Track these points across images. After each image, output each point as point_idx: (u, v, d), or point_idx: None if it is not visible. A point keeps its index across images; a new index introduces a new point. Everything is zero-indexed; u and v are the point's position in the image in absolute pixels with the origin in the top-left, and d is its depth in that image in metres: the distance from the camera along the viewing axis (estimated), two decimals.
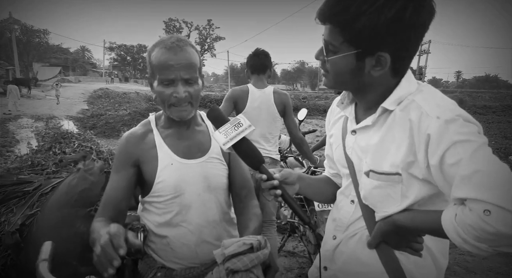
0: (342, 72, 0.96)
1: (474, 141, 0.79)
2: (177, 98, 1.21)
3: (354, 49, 0.90)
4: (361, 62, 0.92)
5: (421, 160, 0.87)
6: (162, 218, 1.28)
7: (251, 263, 0.93)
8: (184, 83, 1.22)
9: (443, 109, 0.85)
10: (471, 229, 0.75)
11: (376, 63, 0.91)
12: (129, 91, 28.11)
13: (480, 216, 0.73)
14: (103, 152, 1.91)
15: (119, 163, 1.30)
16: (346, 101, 1.13)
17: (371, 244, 1.02)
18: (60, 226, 1.47)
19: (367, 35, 0.87)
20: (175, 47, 1.21)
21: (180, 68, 1.20)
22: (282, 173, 1.10)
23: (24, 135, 10.71)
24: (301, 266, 3.37)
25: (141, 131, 1.33)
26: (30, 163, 1.81)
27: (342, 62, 0.94)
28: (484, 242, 0.75)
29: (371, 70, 0.93)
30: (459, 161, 0.78)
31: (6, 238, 1.44)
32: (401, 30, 0.86)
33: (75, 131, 2.30)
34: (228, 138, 1.03)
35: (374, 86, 0.98)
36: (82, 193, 1.53)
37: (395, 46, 0.89)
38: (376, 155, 0.97)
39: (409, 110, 0.91)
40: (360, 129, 1.05)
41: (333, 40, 0.92)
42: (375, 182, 0.97)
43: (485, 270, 3.35)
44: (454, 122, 0.82)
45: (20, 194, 1.59)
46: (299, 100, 24.38)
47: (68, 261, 1.44)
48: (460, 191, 0.77)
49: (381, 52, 0.89)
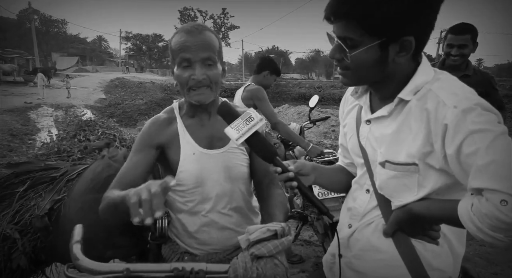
0: (366, 66, 0.93)
1: (492, 131, 0.78)
2: (195, 80, 1.20)
3: (377, 39, 0.88)
4: (385, 51, 0.90)
5: (438, 149, 0.86)
6: (184, 206, 1.30)
7: (275, 249, 0.94)
8: (202, 65, 1.20)
9: (460, 98, 0.84)
10: (486, 218, 0.75)
11: (401, 48, 0.90)
12: (144, 81, 28.37)
13: (496, 206, 0.73)
14: (126, 139, 1.95)
15: (141, 143, 1.30)
16: (361, 91, 1.11)
17: (387, 232, 1.02)
18: (86, 210, 1.51)
19: (391, 22, 0.85)
20: (193, 30, 1.21)
21: (198, 48, 1.19)
22: (297, 164, 1.10)
23: (45, 123, 11.00)
24: (318, 254, 3.39)
25: (165, 117, 1.35)
26: (56, 149, 1.85)
27: (366, 55, 0.91)
28: (499, 231, 0.75)
29: (395, 57, 0.91)
30: (476, 151, 0.78)
31: (36, 221, 1.50)
32: (423, 9, 0.85)
33: (96, 119, 2.35)
34: (241, 133, 1.03)
35: (396, 75, 0.96)
36: (107, 179, 1.56)
37: (419, 28, 0.88)
38: (392, 145, 0.96)
39: (426, 99, 0.89)
40: (375, 119, 1.04)
41: (352, 35, 0.89)
42: (391, 172, 0.97)
43: (507, 261, 3.31)
44: (472, 112, 0.81)
45: (48, 180, 1.64)
46: (314, 90, 24.16)
47: (93, 244, 1.48)
48: (477, 181, 0.77)
49: (405, 37, 0.87)
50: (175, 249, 1.35)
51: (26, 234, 1.54)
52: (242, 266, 0.89)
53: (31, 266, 1.57)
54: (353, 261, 1.13)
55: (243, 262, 0.90)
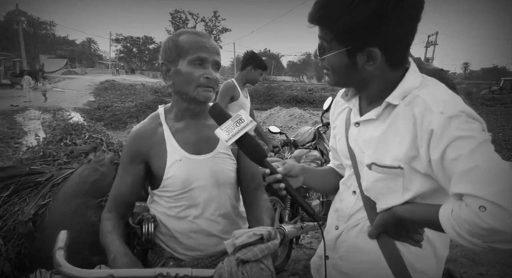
0: (338, 70, 0.99)
1: (476, 137, 0.80)
2: (208, 79, 1.24)
3: (344, 47, 0.93)
4: (353, 59, 0.94)
5: (423, 154, 0.88)
6: (170, 211, 1.30)
7: (261, 253, 0.94)
8: (212, 67, 1.26)
9: (447, 104, 0.86)
10: (465, 223, 0.76)
11: (368, 58, 0.93)
12: (135, 83, 28.17)
13: (475, 211, 0.74)
14: (113, 143, 1.93)
15: (127, 158, 1.31)
16: (350, 93, 1.13)
17: (372, 234, 1.03)
18: (71, 216, 1.50)
19: (352, 32, 0.90)
20: (206, 35, 1.29)
21: (213, 51, 1.25)
22: (285, 166, 1.11)
23: (32, 127, 10.82)
24: (309, 257, 3.40)
25: (150, 126, 1.34)
26: (41, 153, 1.83)
27: (335, 60, 0.97)
28: (478, 237, 0.76)
29: (364, 66, 0.94)
30: (459, 157, 0.79)
31: (20, 227, 1.47)
32: (385, 24, 0.88)
33: (83, 123, 2.32)
34: (231, 134, 1.05)
35: (374, 81, 0.99)
36: (93, 184, 1.55)
37: (383, 40, 0.90)
38: (379, 148, 0.98)
39: (414, 105, 0.91)
40: (364, 122, 1.06)
41: (324, 40, 0.96)
42: (377, 174, 0.98)
43: (492, 262, 3.36)
44: (457, 118, 0.82)
45: (32, 184, 1.61)
46: (305, 92, 24.26)
47: (79, 250, 1.46)
48: (458, 186, 0.79)
49: (370, 48, 0.91)
50: (161, 254, 1.34)
51: (10, 240, 1.52)
52: (228, 271, 0.89)
53: (15, 272, 1.54)
54: (339, 263, 1.14)
55: (228, 267, 0.90)
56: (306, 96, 22.41)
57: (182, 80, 1.25)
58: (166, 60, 1.28)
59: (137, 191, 1.33)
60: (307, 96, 22.45)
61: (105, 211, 1.31)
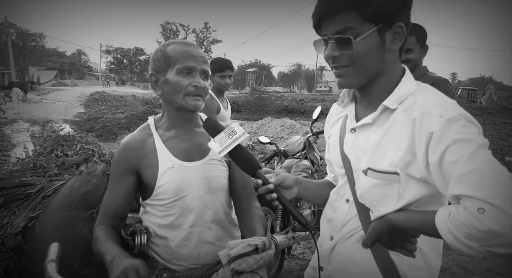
0: (369, 54, 0.96)
1: (475, 141, 0.81)
2: (196, 87, 1.25)
3: (375, 26, 0.94)
4: (383, 38, 0.96)
5: (420, 158, 0.88)
6: (164, 220, 1.29)
7: (256, 264, 0.94)
8: (200, 76, 1.28)
9: (445, 108, 0.88)
10: (463, 226, 0.76)
11: (394, 36, 0.97)
12: (126, 94, 28.00)
13: (473, 213, 0.74)
14: (105, 154, 1.91)
15: (118, 171, 1.31)
16: (347, 100, 1.15)
17: (366, 243, 1.03)
18: (62, 228, 1.47)
19: (385, 9, 0.92)
20: (194, 44, 1.31)
21: (201, 60, 1.27)
22: (278, 177, 1.11)
23: (20, 139, 10.65)
24: (301, 268, 3.37)
25: (140, 137, 1.34)
26: (32, 165, 1.81)
27: (368, 42, 0.95)
28: (475, 240, 0.75)
29: (390, 46, 0.97)
30: (459, 159, 0.80)
31: (8, 240, 1.44)
32: None
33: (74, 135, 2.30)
34: (223, 146, 1.06)
35: (389, 68, 1.01)
36: (85, 195, 1.53)
37: (406, 16, 0.97)
38: (376, 153, 0.99)
39: (412, 111, 0.92)
40: (360, 128, 1.06)
41: (352, 24, 0.94)
42: (372, 180, 0.99)
43: (484, 270, 3.37)
44: (457, 122, 0.84)
45: (22, 196, 1.59)
46: (296, 103, 24.42)
47: (70, 263, 1.44)
48: (457, 188, 0.79)
49: (398, 23, 0.95)
50: (154, 266, 1.32)
51: None
52: None
53: None
54: (333, 274, 1.13)
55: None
56: (297, 106, 22.55)
57: (170, 90, 1.27)
58: (155, 70, 1.31)
59: (129, 204, 1.32)
60: (298, 106, 22.60)
61: (97, 223, 1.29)
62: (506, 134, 12.61)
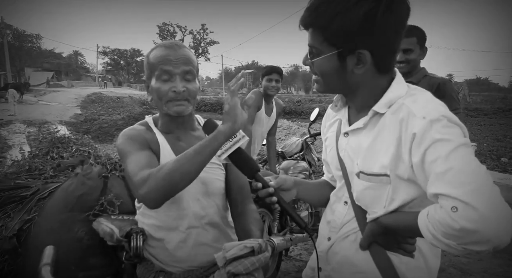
0: (328, 74, 1.00)
1: (454, 141, 0.82)
2: (175, 92, 1.22)
3: (335, 49, 0.95)
4: (343, 62, 0.96)
5: (406, 159, 0.90)
6: (160, 222, 1.28)
7: (252, 266, 0.94)
8: (182, 79, 1.23)
9: (429, 109, 0.89)
10: (439, 225, 0.77)
11: (358, 61, 0.95)
12: (122, 95, 27.94)
13: (448, 212, 0.75)
14: (101, 156, 1.90)
15: (136, 145, 1.22)
16: (340, 104, 1.15)
17: (363, 245, 1.04)
18: (58, 230, 1.47)
19: (343, 34, 0.92)
20: (174, 46, 1.25)
21: (179, 62, 1.23)
22: (277, 180, 1.12)
23: (16, 141, 10.58)
24: (298, 269, 3.37)
25: (141, 129, 1.32)
26: (27, 167, 1.79)
27: (326, 63, 0.98)
28: (451, 239, 0.77)
29: (354, 69, 0.97)
30: (437, 158, 0.81)
31: (3, 243, 1.43)
32: (375, 28, 0.91)
33: (70, 136, 2.29)
34: (223, 149, 1.07)
35: (362, 85, 1.01)
36: (81, 198, 1.52)
37: (373, 44, 0.93)
38: (367, 157, 1.00)
39: (400, 112, 0.94)
40: (352, 132, 1.07)
41: (315, 43, 0.98)
42: (365, 183, 1.00)
43: (481, 271, 3.38)
44: (438, 122, 0.85)
45: (17, 199, 1.58)
46: (293, 104, 24.43)
47: (66, 266, 1.43)
48: (434, 187, 0.80)
49: (360, 50, 0.93)
50: (150, 268, 1.31)
51: None
52: None
53: None
54: (332, 274, 1.13)
55: None
56: (294, 108, 22.56)
57: (155, 97, 1.27)
58: (146, 77, 1.32)
59: (156, 163, 1.19)
60: (295, 108, 22.61)
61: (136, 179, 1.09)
62: (502, 135, 12.69)
